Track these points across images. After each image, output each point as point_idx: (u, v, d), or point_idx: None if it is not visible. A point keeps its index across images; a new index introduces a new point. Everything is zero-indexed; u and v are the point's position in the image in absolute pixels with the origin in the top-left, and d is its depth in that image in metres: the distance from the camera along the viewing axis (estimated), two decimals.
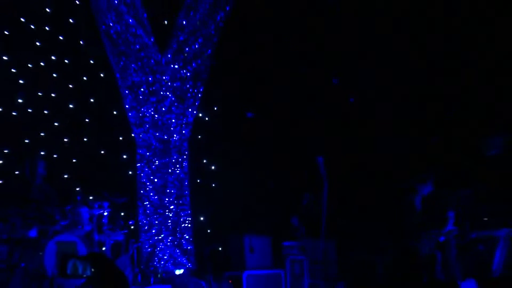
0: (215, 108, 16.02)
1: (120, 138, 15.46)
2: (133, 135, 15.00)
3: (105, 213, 13.26)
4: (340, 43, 15.58)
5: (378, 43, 15.66)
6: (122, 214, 14.34)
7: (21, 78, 14.58)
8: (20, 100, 14.51)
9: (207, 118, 15.90)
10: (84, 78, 15.29)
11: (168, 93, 14.94)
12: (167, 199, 14.88)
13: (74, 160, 14.99)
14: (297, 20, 15.53)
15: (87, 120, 15.29)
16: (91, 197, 13.45)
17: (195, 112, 15.22)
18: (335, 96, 15.77)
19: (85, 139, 15.24)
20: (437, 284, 12.30)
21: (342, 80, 15.82)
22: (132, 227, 14.60)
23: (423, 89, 15.23)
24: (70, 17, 15.18)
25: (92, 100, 15.37)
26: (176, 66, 14.99)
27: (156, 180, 14.94)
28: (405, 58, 15.31)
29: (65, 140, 15.00)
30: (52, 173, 13.56)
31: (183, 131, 15.07)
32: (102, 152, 15.40)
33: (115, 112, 15.38)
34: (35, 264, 12.23)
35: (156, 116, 14.92)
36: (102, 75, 15.31)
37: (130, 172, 15.31)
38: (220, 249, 15.02)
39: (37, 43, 14.85)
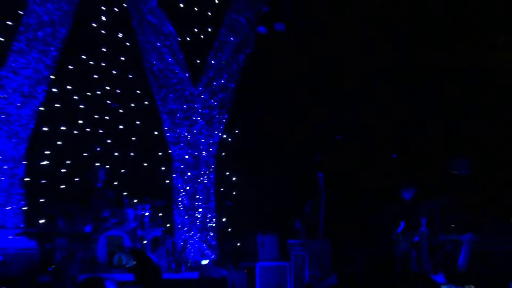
0: (236, 131, 16.02)
1: (160, 154, 15.45)
2: (170, 151, 15.15)
3: (147, 214, 13.33)
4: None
5: None
6: (160, 214, 14.36)
7: (81, 104, 14.68)
8: (80, 121, 14.78)
9: (229, 139, 15.91)
10: (132, 105, 15.30)
11: (199, 118, 15.13)
12: (196, 203, 15.03)
13: (122, 171, 15.00)
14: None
15: (133, 138, 15.27)
16: (135, 200, 13.52)
17: (220, 134, 15.38)
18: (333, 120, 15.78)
19: (131, 154, 15.23)
20: (413, 274, 12.44)
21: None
22: (168, 225, 14.71)
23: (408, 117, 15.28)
24: (121, 56, 15.20)
25: (138, 122, 15.35)
26: (206, 97, 15.19)
27: (188, 188, 15.08)
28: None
29: (116, 154, 15.01)
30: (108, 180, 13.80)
31: (210, 149, 15.24)
32: (145, 164, 15.35)
33: (156, 133, 15.40)
34: (89, 253, 12.45)
35: (189, 136, 15.09)
36: (146, 102, 15.33)
37: (167, 181, 15.35)
38: (238, 244, 15.13)
39: (95, 76, 14.90)
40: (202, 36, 15.80)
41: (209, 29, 15.74)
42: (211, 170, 15.30)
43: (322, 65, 15.44)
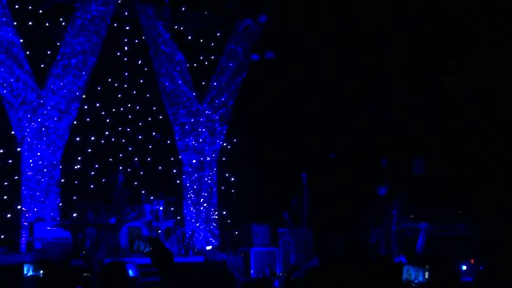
0: (235, 140, 16.02)
1: (172, 159, 15.49)
2: (180, 157, 15.11)
3: (161, 208, 13.51)
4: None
5: None
6: (172, 209, 14.50)
7: (107, 118, 14.82)
8: (106, 133, 14.82)
9: (229, 147, 15.90)
10: (149, 119, 15.41)
11: (203, 130, 15.06)
12: (202, 199, 14.96)
13: (141, 173, 15.10)
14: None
15: (150, 146, 15.35)
16: (151, 197, 13.66)
17: (221, 142, 15.35)
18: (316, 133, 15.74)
19: (148, 159, 15.31)
20: (381, 258, 12.38)
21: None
22: (178, 217, 14.70)
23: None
24: (140, 78, 15.34)
25: (153, 133, 15.44)
26: (209, 112, 15.14)
27: (195, 186, 15.01)
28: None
29: (136, 159, 15.08)
30: (127, 181, 13.90)
31: (213, 155, 15.18)
32: (160, 167, 15.47)
33: (168, 142, 15.42)
34: (113, 241, 12.63)
35: (196, 144, 15.02)
36: (160, 117, 15.38)
37: (178, 181, 15.38)
38: (236, 233, 15.17)
39: (118, 95, 15.05)
40: (206, 63, 15.82)
41: (212, 57, 15.75)
42: (213, 172, 15.24)
43: (307, 82, 15.44)
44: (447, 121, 13.99)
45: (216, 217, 15.12)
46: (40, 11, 13.91)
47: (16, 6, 13.49)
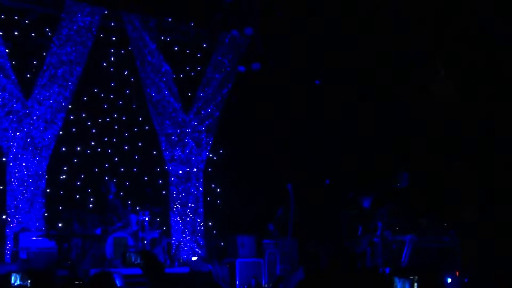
0: (220, 151, 16.05)
1: (158, 169, 15.50)
2: (166, 167, 15.08)
3: (147, 219, 13.52)
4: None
5: None
6: (158, 219, 14.48)
7: (93, 128, 14.86)
8: (92, 143, 14.83)
9: (215, 157, 15.92)
10: (135, 129, 15.46)
11: (190, 141, 15.07)
12: (188, 210, 14.94)
13: (127, 183, 15.10)
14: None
15: (136, 157, 15.38)
16: (137, 208, 13.66)
17: (207, 153, 15.34)
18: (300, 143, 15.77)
19: (134, 169, 15.34)
20: (367, 269, 12.43)
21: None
22: (164, 228, 14.65)
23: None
24: (126, 89, 15.39)
25: (140, 144, 15.47)
26: (195, 123, 15.15)
27: (181, 197, 15.02)
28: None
29: (121, 170, 15.12)
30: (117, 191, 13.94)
31: (199, 166, 15.17)
32: (146, 178, 15.48)
33: (154, 152, 15.42)
34: (99, 251, 12.59)
35: (182, 155, 15.03)
36: (147, 127, 15.39)
37: (164, 192, 15.36)
38: (222, 244, 15.16)
39: (104, 106, 15.08)
40: (192, 73, 15.88)
41: (198, 68, 15.80)
42: (200, 183, 15.23)
43: (292, 93, 15.48)
44: (430, 131, 14.07)
45: (202, 228, 15.08)
46: (26, 21, 13.89)
47: (2, 16, 13.52)
